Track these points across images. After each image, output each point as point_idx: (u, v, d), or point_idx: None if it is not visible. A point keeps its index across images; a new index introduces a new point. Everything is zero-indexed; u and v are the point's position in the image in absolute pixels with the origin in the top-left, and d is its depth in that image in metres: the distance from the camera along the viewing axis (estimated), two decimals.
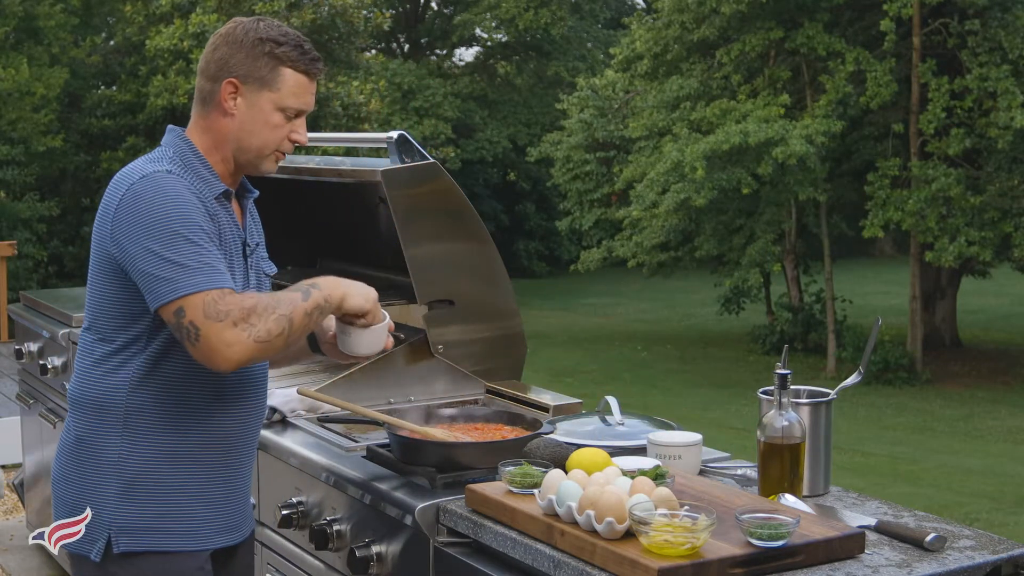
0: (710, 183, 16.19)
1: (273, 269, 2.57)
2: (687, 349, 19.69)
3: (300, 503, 2.83)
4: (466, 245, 3.29)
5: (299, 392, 2.87)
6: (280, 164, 2.47)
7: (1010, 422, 14.52)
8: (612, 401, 2.89)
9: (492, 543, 2.24)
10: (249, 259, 2.45)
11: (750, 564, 1.97)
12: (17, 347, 5.03)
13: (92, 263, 2.37)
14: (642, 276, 20.83)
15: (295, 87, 2.37)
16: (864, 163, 17.98)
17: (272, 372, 2.68)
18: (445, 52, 30.01)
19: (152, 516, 2.33)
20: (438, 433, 2.62)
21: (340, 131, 16.92)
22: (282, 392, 3.07)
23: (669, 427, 2.77)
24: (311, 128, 2.50)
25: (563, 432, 2.74)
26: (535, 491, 2.23)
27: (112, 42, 22.64)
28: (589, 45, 28.99)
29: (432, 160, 3.16)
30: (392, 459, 2.64)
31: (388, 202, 3.17)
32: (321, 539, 2.67)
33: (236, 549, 2.50)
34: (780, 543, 1.99)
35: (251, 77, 2.35)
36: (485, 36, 28.60)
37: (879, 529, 2.21)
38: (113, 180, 2.35)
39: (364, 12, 19.73)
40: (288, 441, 2.94)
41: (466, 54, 30.45)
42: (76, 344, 4.38)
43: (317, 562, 2.78)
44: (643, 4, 29.88)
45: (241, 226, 2.44)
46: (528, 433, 2.62)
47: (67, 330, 4.52)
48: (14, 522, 6.00)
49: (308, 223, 4.03)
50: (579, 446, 2.54)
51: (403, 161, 3.14)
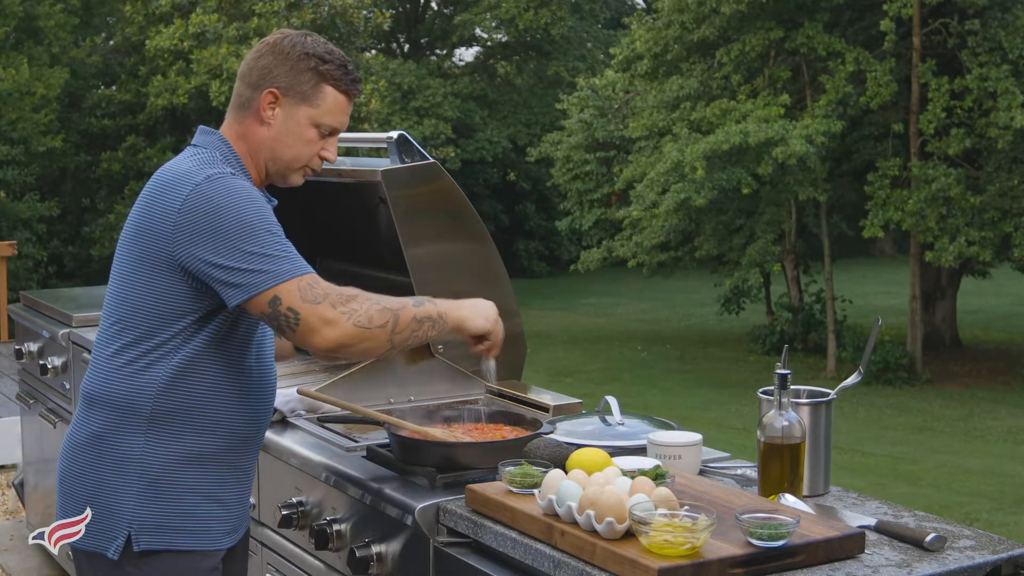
0: (710, 183, 16.20)
1: None
2: (687, 349, 19.69)
3: (300, 503, 2.83)
4: (466, 245, 3.29)
5: (299, 392, 2.87)
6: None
7: (1010, 422, 14.52)
8: (612, 401, 2.89)
9: (492, 543, 2.24)
10: None
11: (750, 564, 1.97)
12: (17, 347, 5.03)
13: (133, 260, 2.34)
14: (642, 276, 20.83)
15: (334, 105, 2.40)
16: (864, 163, 17.98)
17: None
18: (445, 52, 30.01)
19: (172, 515, 2.34)
20: (438, 433, 2.62)
21: None
22: (282, 392, 3.07)
23: (669, 427, 2.77)
24: None
25: (563, 432, 2.74)
26: (535, 491, 2.23)
27: (112, 42, 22.64)
28: (589, 45, 29.00)
29: (432, 160, 3.16)
30: (392, 459, 2.64)
31: (388, 202, 3.17)
32: (321, 539, 2.67)
33: (234, 548, 2.51)
34: (780, 543, 1.99)
35: (292, 90, 2.37)
36: (485, 36, 28.60)
37: (879, 529, 2.21)
38: (163, 181, 2.33)
39: (364, 12, 19.74)
40: (288, 441, 2.94)
41: (466, 54, 30.47)
42: (76, 344, 4.40)
43: (317, 562, 2.78)
44: (643, 4, 29.87)
45: None
46: (528, 433, 2.62)
47: (67, 330, 4.52)
48: (14, 522, 6.00)
49: (308, 223, 4.02)
50: (579, 446, 2.54)
51: (403, 161, 3.14)
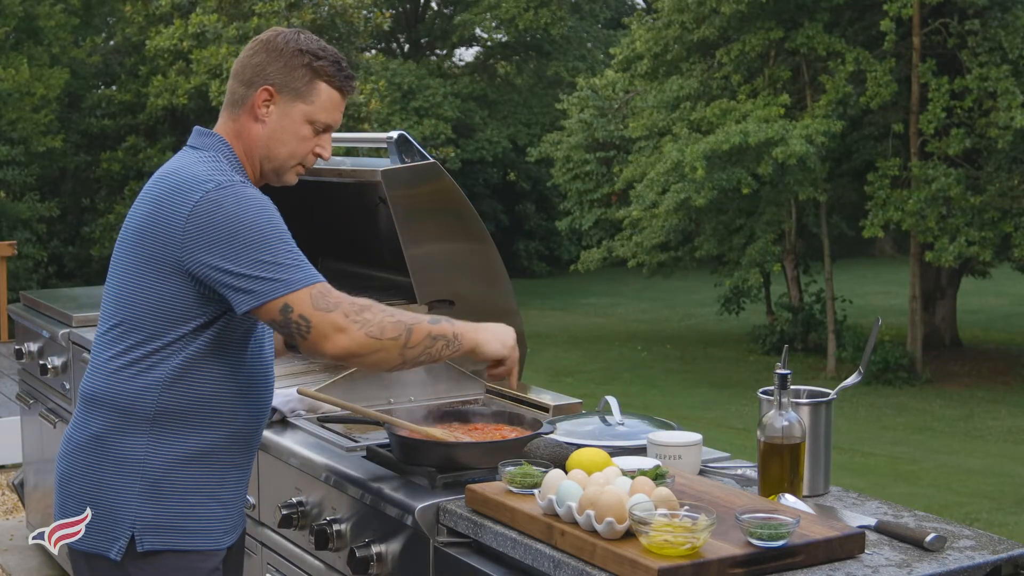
0: (710, 183, 16.20)
1: None
2: (687, 349, 19.69)
3: (300, 503, 2.83)
4: (466, 245, 3.29)
5: (299, 392, 2.87)
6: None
7: (1010, 422, 14.52)
8: (612, 401, 2.89)
9: (492, 543, 2.24)
10: None
11: (750, 564, 1.97)
12: (17, 347, 5.03)
13: (130, 263, 2.34)
14: (642, 276, 20.83)
15: (328, 102, 2.40)
16: (864, 163, 17.98)
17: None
18: (445, 52, 30.00)
19: (174, 515, 2.34)
20: (438, 433, 2.62)
21: (340, 131, 16.89)
22: (282, 392, 3.07)
23: (669, 427, 2.77)
24: None
25: (563, 432, 2.74)
26: (535, 491, 2.23)
27: (112, 42, 22.64)
28: (589, 45, 28.98)
29: (432, 160, 3.16)
30: (392, 459, 2.64)
31: (388, 202, 3.17)
32: (321, 539, 2.67)
33: (232, 548, 2.52)
34: (780, 543, 1.99)
35: (287, 87, 2.38)
36: (485, 36, 28.59)
37: (879, 529, 2.21)
38: (170, 184, 2.32)
39: (364, 12, 19.73)
40: (288, 441, 2.94)
41: (466, 54, 30.47)
42: (76, 344, 4.40)
43: (317, 562, 2.78)
44: (643, 4, 29.88)
45: None
46: (528, 433, 2.62)
47: (67, 330, 4.52)
48: (14, 522, 6.00)
49: (308, 223, 4.02)
50: (579, 446, 2.54)
51: (403, 161, 3.14)
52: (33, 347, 4.89)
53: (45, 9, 19.44)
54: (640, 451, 2.61)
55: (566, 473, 2.23)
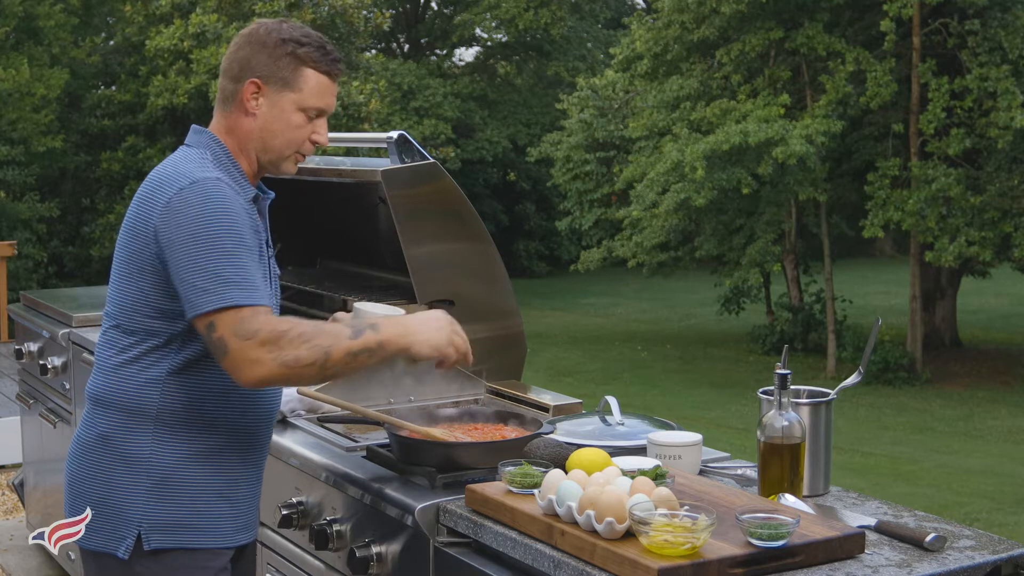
0: (710, 183, 16.20)
1: (278, 271, 2.58)
2: (687, 349, 19.69)
3: (300, 503, 2.83)
4: (466, 245, 3.29)
5: (299, 392, 2.87)
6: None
7: (1010, 422, 14.53)
8: (612, 401, 2.89)
9: (492, 543, 2.24)
10: (271, 260, 2.47)
11: (750, 564, 1.97)
12: (17, 347, 5.03)
13: (124, 261, 2.36)
14: (642, 276, 20.84)
15: (317, 87, 2.39)
16: (864, 163, 17.98)
17: None
18: (445, 52, 30.00)
19: (182, 513, 2.34)
20: (438, 433, 2.62)
21: (340, 131, 16.89)
22: (284, 391, 3.07)
23: (669, 427, 2.77)
24: None
25: (563, 432, 2.74)
26: (535, 491, 2.23)
27: (112, 42, 22.64)
28: (589, 45, 28.99)
29: (432, 160, 3.16)
30: (392, 459, 2.64)
31: (388, 202, 3.17)
32: (321, 539, 2.67)
33: (245, 548, 2.51)
34: (780, 543, 1.99)
35: (273, 77, 2.37)
36: (485, 36, 28.60)
37: (879, 529, 2.21)
38: (153, 179, 2.34)
39: (364, 12, 19.74)
40: (288, 441, 2.94)
41: (466, 54, 30.47)
42: (76, 344, 4.40)
43: (317, 562, 2.78)
44: (643, 4, 29.88)
45: (264, 228, 2.48)
46: (528, 433, 2.62)
47: (67, 330, 4.52)
48: (14, 522, 6.00)
49: (308, 223, 4.03)
50: (579, 446, 2.54)
51: (403, 161, 3.14)
52: (33, 347, 4.89)
53: (45, 9, 19.43)
54: (640, 451, 2.61)
55: (566, 473, 2.23)
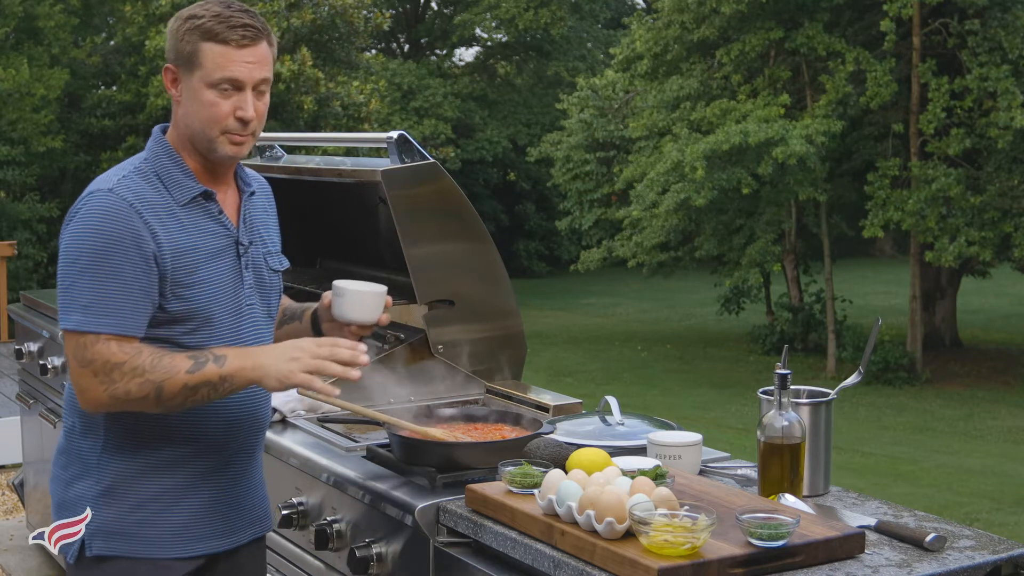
0: (710, 183, 16.20)
1: (284, 264, 2.49)
2: (687, 349, 19.69)
3: (300, 503, 2.83)
4: (466, 245, 3.29)
5: (299, 392, 2.86)
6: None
7: (1010, 422, 14.52)
8: (612, 401, 2.89)
9: (492, 543, 2.24)
10: (243, 258, 2.35)
11: (750, 564, 1.97)
12: (17, 347, 5.03)
13: None
14: (642, 276, 20.84)
15: (219, 58, 2.24)
16: (864, 163, 17.98)
17: None
18: (445, 52, 30.01)
19: (126, 522, 2.28)
20: (438, 433, 2.61)
21: (340, 131, 16.92)
22: (282, 392, 3.07)
23: (669, 427, 2.77)
24: (312, 128, 2.46)
25: (563, 432, 2.74)
26: (535, 491, 2.23)
27: (112, 42, 22.64)
28: (589, 45, 29.00)
29: (432, 160, 3.16)
30: (392, 459, 2.64)
31: (388, 202, 3.17)
32: (321, 539, 2.67)
33: (236, 552, 2.45)
34: (780, 543, 1.99)
35: (180, 60, 2.28)
36: (485, 36, 28.61)
37: (879, 529, 2.21)
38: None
39: (364, 12, 19.73)
40: (288, 441, 2.94)
41: (466, 54, 30.48)
42: None
43: (317, 562, 2.78)
44: (643, 4, 29.88)
45: (235, 223, 2.36)
46: (528, 433, 2.62)
47: None
48: (14, 522, 6.00)
49: (308, 223, 4.03)
50: (579, 446, 2.54)
51: (403, 161, 3.13)
52: (33, 347, 4.89)
53: (45, 9, 19.43)
54: (640, 451, 2.61)
55: (566, 473, 2.23)
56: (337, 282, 2.45)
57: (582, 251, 20.75)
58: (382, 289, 2.45)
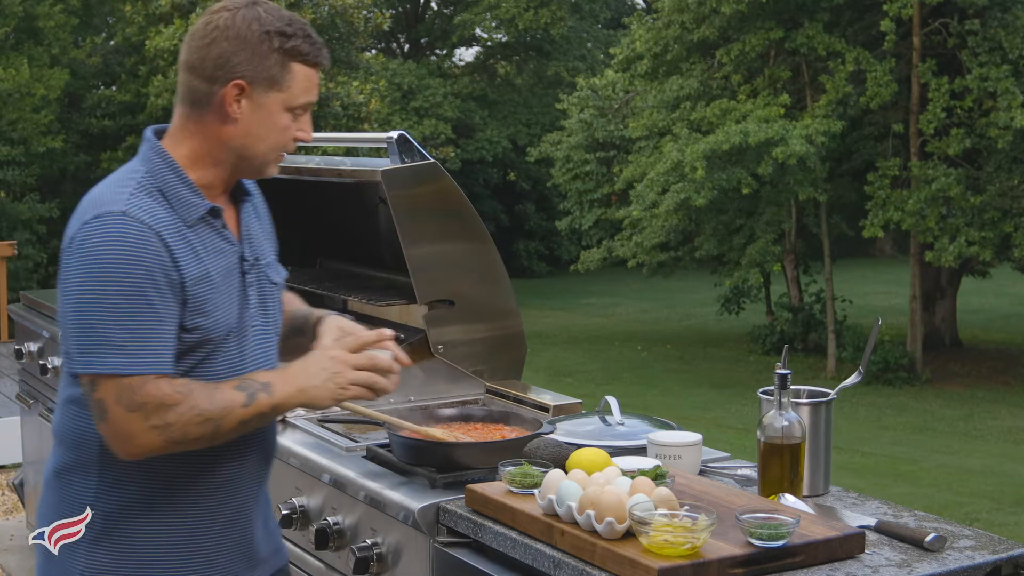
0: (710, 183, 16.20)
1: (282, 275, 2.31)
2: (687, 349, 19.69)
3: (300, 503, 2.83)
4: (466, 245, 3.29)
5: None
6: (280, 164, 2.36)
7: (1010, 422, 14.53)
8: (612, 401, 2.89)
9: (492, 543, 2.24)
10: (248, 275, 2.17)
11: (750, 564, 1.97)
12: (17, 347, 5.02)
13: None
14: (642, 276, 20.84)
15: (305, 82, 2.10)
16: (864, 163, 17.99)
17: None
18: (445, 52, 30.01)
19: (124, 564, 2.11)
20: (438, 433, 2.61)
21: (340, 131, 16.92)
22: None
23: (669, 427, 2.77)
24: (312, 128, 2.39)
25: (563, 432, 2.74)
26: (535, 491, 2.22)
27: (112, 42, 22.64)
28: (589, 45, 29.01)
29: (432, 160, 3.16)
30: (392, 459, 2.64)
31: (388, 202, 3.17)
32: (321, 539, 2.67)
33: None
34: (780, 543, 1.99)
35: (259, 77, 2.06)
36: (485, 36, 28.61)
37: (879, 529, 2.21)
38: (79, 204, 2.07)
39: (364, 12, 19.74)
40: (288, 441, 2.94)
41: (466, 54, 30.48)
42: None
43: (317, 562, 2.78)
44: (643, 4, 29.88)
45: (237, 238, 2.18)
46: (528, 433, 2.62)
47: None
48: (14, 522, 6.00)
49: (308, 223, 4.02)
50: (579, 446, 2.53)
51: (403, 161, 3.13)
52: (33, 347, 4.89)
53: (45, 9, 19.44)
54: (640, 451, 2.61)
55: (566, 473, 2.23)
56: None
57: (582, 251, 20.76)
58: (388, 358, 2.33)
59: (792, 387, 2.39)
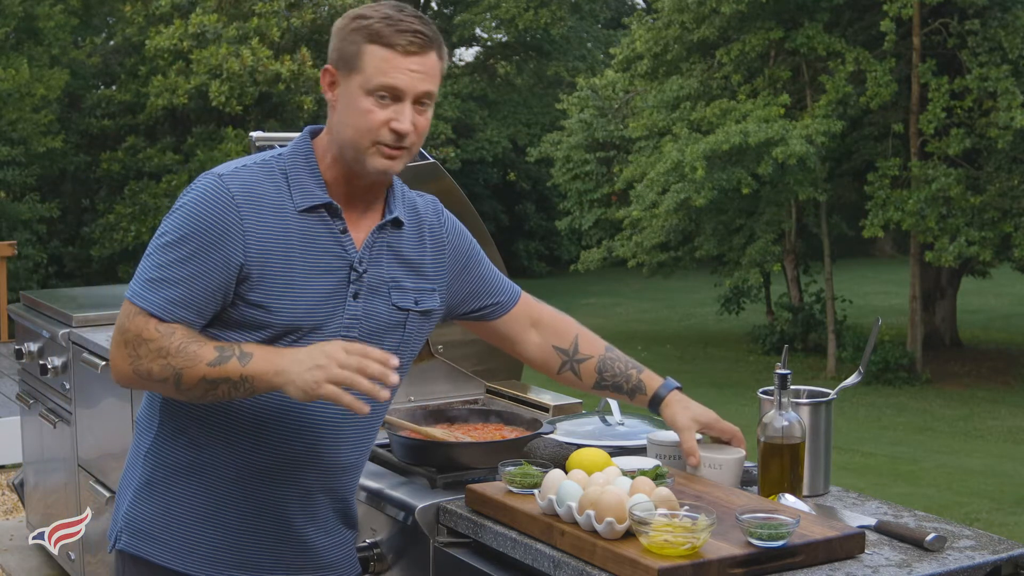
0: (710, 183, 16.20)
1: (416, 304, 2.26)
2: (687, 349, 19.69)
3: None
4: None
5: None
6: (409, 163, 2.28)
7: (1010, 422, 14.53)
8: (612, 401, 2.89)
9: (492, 543, 2.24)
10: (353, 285, 2.16)
11: (750, 564, 1.97)
12: (17, 347, 5.02)
13: None
14: (642, 276, 20.84)
15: (381, 62, 2.08)
16: (864, 163, 17.99)
17: None
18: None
19: (158, 523, 2.19)
20: (438, 433, 2.61)
21: None
22: None
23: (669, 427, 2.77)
24: None
25: (563, 432, 2.74)
26: (535, 491, 2.22)
27: (112, 42, 22.64)
28: (589, 45, 29.00)
29: (432, 160, 3.16)
30: (392, 459, 2.64)
31: None
32: None
33: None
34: (780, 543, 1.99)
35: (341, 61, 2.12)
36: (485, 36, 28.61)
37: (879, 529, 2.21)
38: None
39: None
40: None
41: (466, 54, 30.47)
42: (76, 344, 4.40)
43: None
44: (643, 4, 29.89)
45: (357, 247, 2.17)
46: (528, 433, 2.62)
47: (67, 330, 4.52)
48: (14, 522, 6.00)
49: None
50: (579, 446, 2.54)
51: None
52: (33, 347, 4.89)
53: (45, 9, 19.43)
54: (640, 451, 2.61)
55: (566, 473, 2.23)
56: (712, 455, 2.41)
57: (582, 251, 20.75)
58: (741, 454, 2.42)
59: (792, 387, 2.39)
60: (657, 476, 2.24)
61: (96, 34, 22.58)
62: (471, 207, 3.25)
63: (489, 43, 29.08)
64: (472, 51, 30.30)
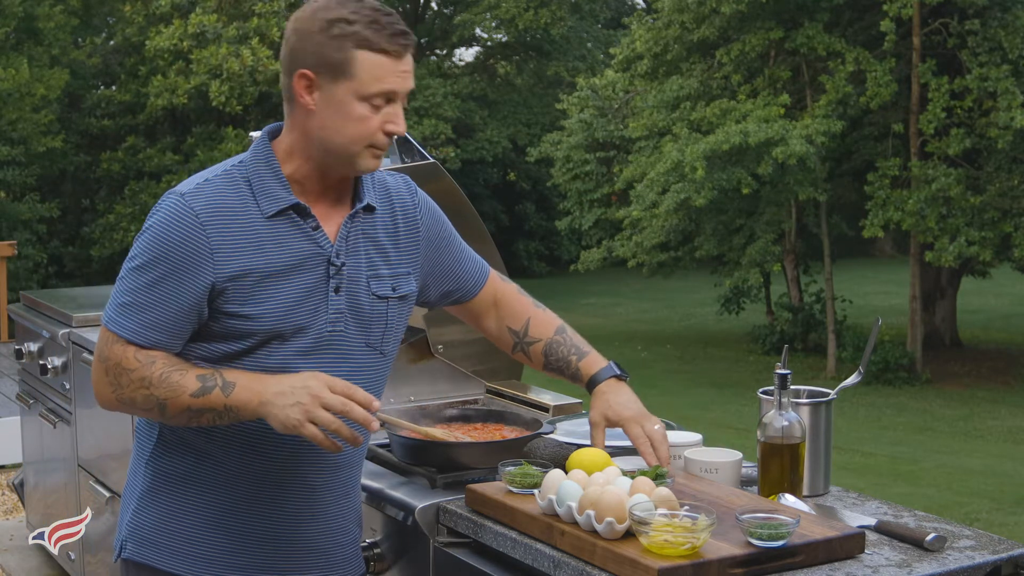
0: (710, 183, 16.20)
1: (393, 291, 2.25)
2: (687, 349, 19.69)
3: None
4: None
5: None
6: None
7: (1010, 422, 14.53)
8: None
9: (492, 543, 2.24)
10: (333, 279, 2.15)
11: (750, 564, 1.97)
12: (17, 347, 5.02)
13: None
14: (642, 276, 20.84)
15: (375, 70, 2.06)
16: (864, 163, 17.99)
17: None
18: (445, 52, 30.00)
19: (163, 530, 2.19)
20: (438, 433, 2.61)
21: None
22: None
23: (669, 427, 2.77)
24: None
25: (563, 432, 2.74)
26: (535, 491, 2.22)
27: (112, 42, 22.65)
28: (589, 45, 28.98)
29: (432, 160, 3.16)
30: (392, 459, 2.64)
31: None
32: None
33: None
34: (780, 543, 1.99)
35: (323, 66, 2.06)
36: (485, 36, 28.58)
37: (879, 529, 2.20)
38: None
39: None
40: None
41: (466, 54, 30.46)
42: (76, 344, 4.40)
43: None
44: (643, 4, 29.89)
45: (332, 241, 2.16)
46: (528, 433, 2.62)
47: (67, 330, 4.51)
48: (14, 522, 6.00)
49: None
50: (579, 446, 2.53)
51: (403, 161, 3.13)
52: (33, 347, 4.89)
53: (45, 10, 19.44)
54: None
55: (566, 473, 2.23)
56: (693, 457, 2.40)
57: (582, 251, 20.75)
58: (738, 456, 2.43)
59: (792, 387, 2.39)
60: (657, 476, 2.24)
61: (96, 34, 22.59)
62: (471, 207, 3.25)
63: (489, 43, 29.07)
64: (472, 51, 30.31)
